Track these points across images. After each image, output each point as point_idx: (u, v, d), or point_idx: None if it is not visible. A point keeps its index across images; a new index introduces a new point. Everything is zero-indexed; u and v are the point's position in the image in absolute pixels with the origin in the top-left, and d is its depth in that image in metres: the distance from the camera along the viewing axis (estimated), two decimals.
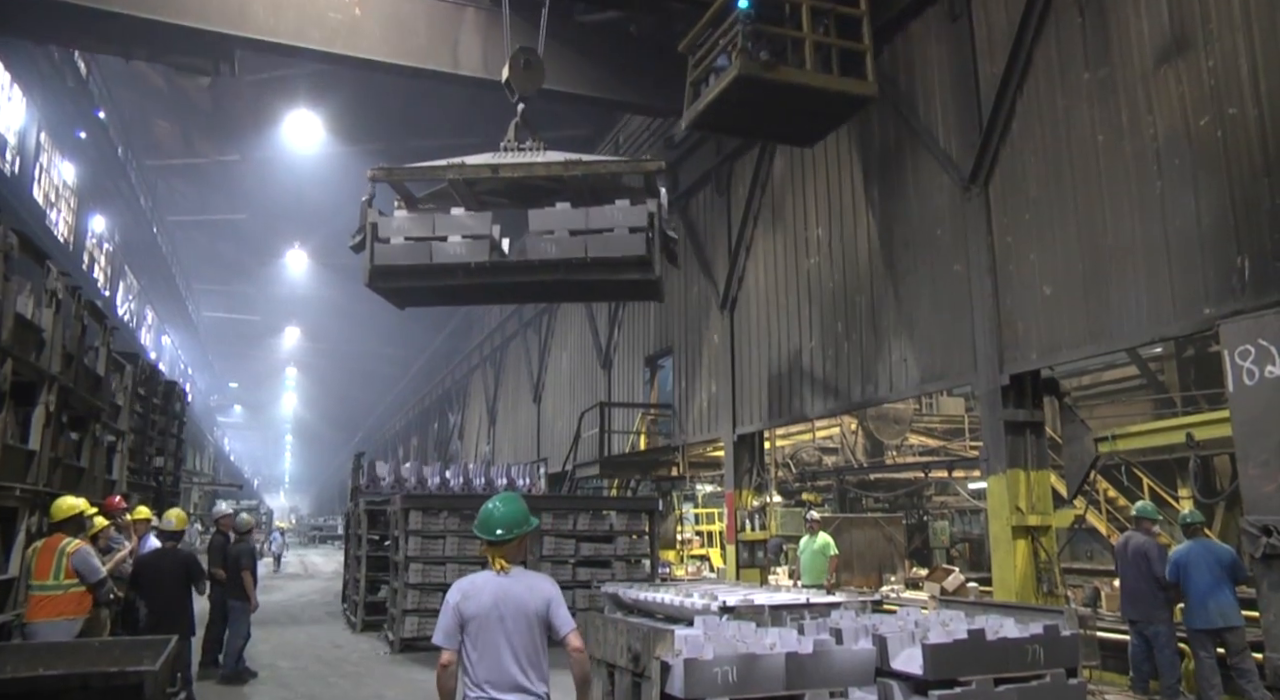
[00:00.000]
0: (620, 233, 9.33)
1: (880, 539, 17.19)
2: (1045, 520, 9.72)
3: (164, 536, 8.78)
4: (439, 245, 9.49)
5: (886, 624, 5.65)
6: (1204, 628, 7.75)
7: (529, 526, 4.13)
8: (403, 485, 16.38)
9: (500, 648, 3.85)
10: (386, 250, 9.60)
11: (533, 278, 9.78)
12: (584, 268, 9.47)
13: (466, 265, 9.52)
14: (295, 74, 23.70)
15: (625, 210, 9.41)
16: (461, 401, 41.33)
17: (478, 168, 9.68)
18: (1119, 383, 19.69)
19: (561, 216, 9.56)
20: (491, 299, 14.04)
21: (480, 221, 9.60)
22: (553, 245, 9.37)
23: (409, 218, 9.72)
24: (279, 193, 32.39)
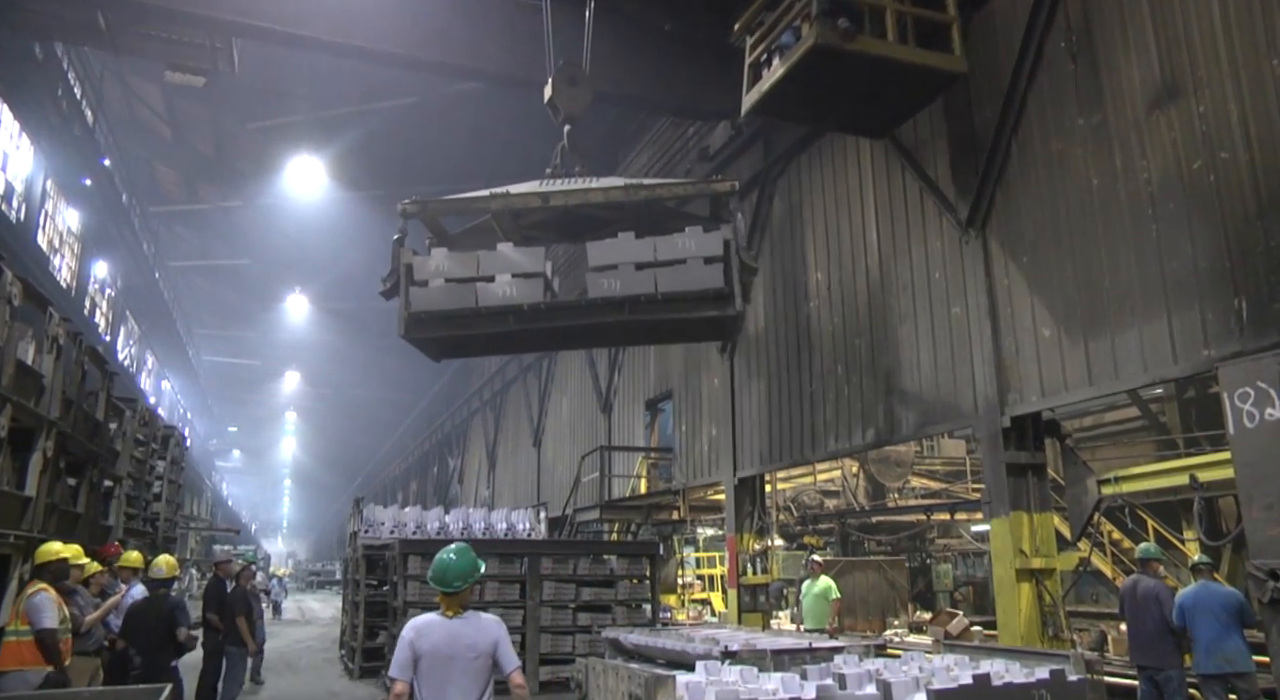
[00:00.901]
0: (694, 264, 8.15)
1: (883, 582, 17.03)
2: (1049, 563, 9.64)
3: (153, 584, 8.66)
4: (485, 287, 8.28)
5: (890, 669, 5.58)
6: (1213, 673, 7.64)
7: (478, 574, 4.65)
8: (401, 530, 16.27)
9: (447, 684, 4.37)
10: (424, 295, 8.38)
11: (593, 320, 8.52)
12: (653, 306, 8.26)
13: (518, 308, 8.26)
14: (298, 121, 24.00)
15: (698, 238, 8.22)
16: (461, 446, 41.20)
17: (525, 196, 8.49)
18: (1120, 424, 19.65)
19: (625, 248, 8.31)
20: (543, 345, 12.09)
21: (532, 258, 8.41)
22: (616, 281, 8.17)
23: (449, 257, 8.45)
24: (280, 238, 32.63)
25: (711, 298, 8.17)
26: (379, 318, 40.00)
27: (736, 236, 8.28)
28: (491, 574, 13.02)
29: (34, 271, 17.82)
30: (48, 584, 6.77)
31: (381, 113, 22.96)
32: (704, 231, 8.38)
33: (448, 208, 8.85)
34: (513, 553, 13.48)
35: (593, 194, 8.49)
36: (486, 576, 12.92)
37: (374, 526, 16.48)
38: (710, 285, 8.12)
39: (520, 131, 20.93)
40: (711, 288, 8.11)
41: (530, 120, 22.52)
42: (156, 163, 30.19)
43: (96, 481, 11.11)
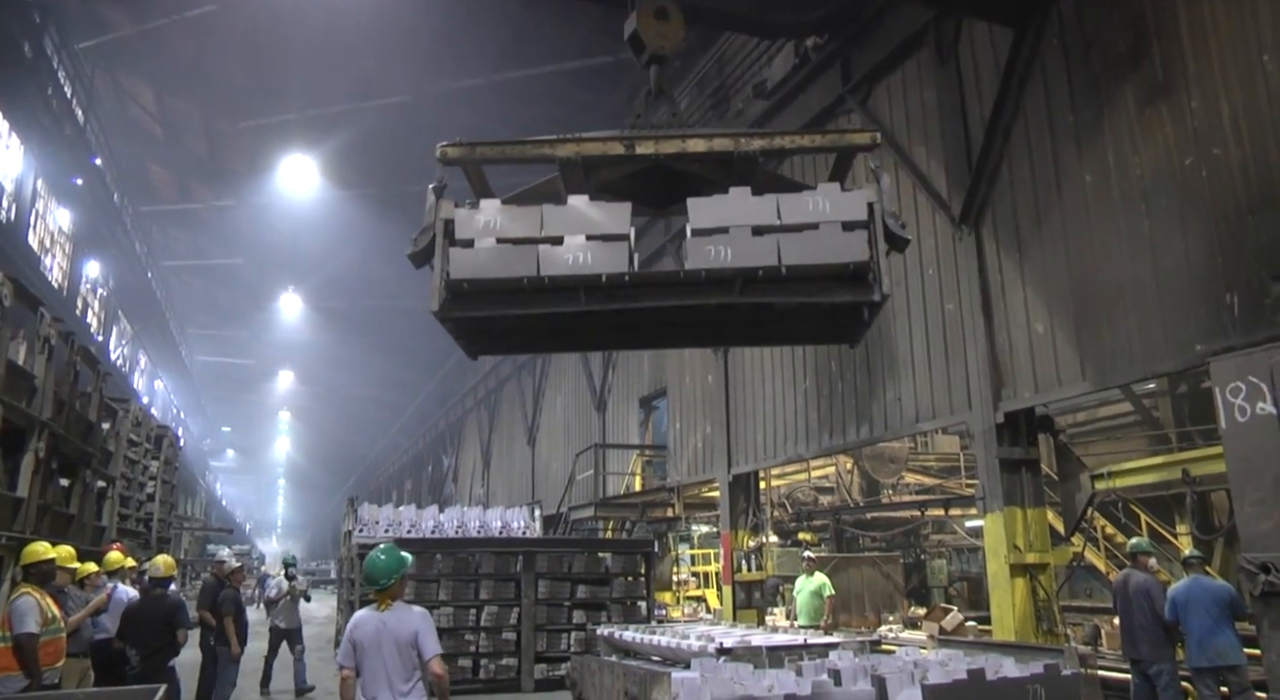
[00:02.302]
0: (829, 231, 6.24)
1: (878, 578, 17.06)
2: (1043, 558, 9.68)
3: (151, 583, 8.66)
4: (551, 251, 6.23)
5: (885, 664, 5.59)
6: (1205, 666, 7.67)
7: (405, 570, 5.14)
8: (396, 529, 16.24)
9: (379, 670, 4.89)
10: (468, 259, 6.30)
11: (690, 301, 6.41)
12: (772, 285, 6.28)
13: (594, 281, 6.19)
14: (291, 119, 23.94)
15: (834, 197, 6.39)
16: (456, 444, 41.18)
17: (605, 142, 6.68)
18: (1113, 419, 19.70)
19: (739, 207, 6.38)
20: (612, 341, 9.05)
21: (615, 215, 6.41)
22: (726, 249, 6.23)
23: (504, 210, 6.49)
24: (274, 237, 32.55)
25: (849, 277, 6.27)
26: (372, 316, 40.07)
27: (882, 199, 6.42)
28: (487, 572, 13.02)
29: (25, 271, 17.76)
30: (34, 586, 6.69)
31: (374, 111, 22.92)
32: (841, 189, 6.54)
33: (501, 153, 6.79)
34: (507, 551, 13.48)
35: (693, 142, 6.69)
36: (482, 574, 12.94)
37: (368, 525, 16.45)
38: (850, 258, 6.14)
39: (512, 129, 20.93)
40: (851, 262, 6.14)
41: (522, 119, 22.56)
42: (149, 162, 30.07)
43: (89, 482, 11.08)
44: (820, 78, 13.52)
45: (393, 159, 25.16)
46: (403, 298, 37.01)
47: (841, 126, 7.41)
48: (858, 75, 12.68)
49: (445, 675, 4.96)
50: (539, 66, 19.94)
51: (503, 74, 20.28)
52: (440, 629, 12.49)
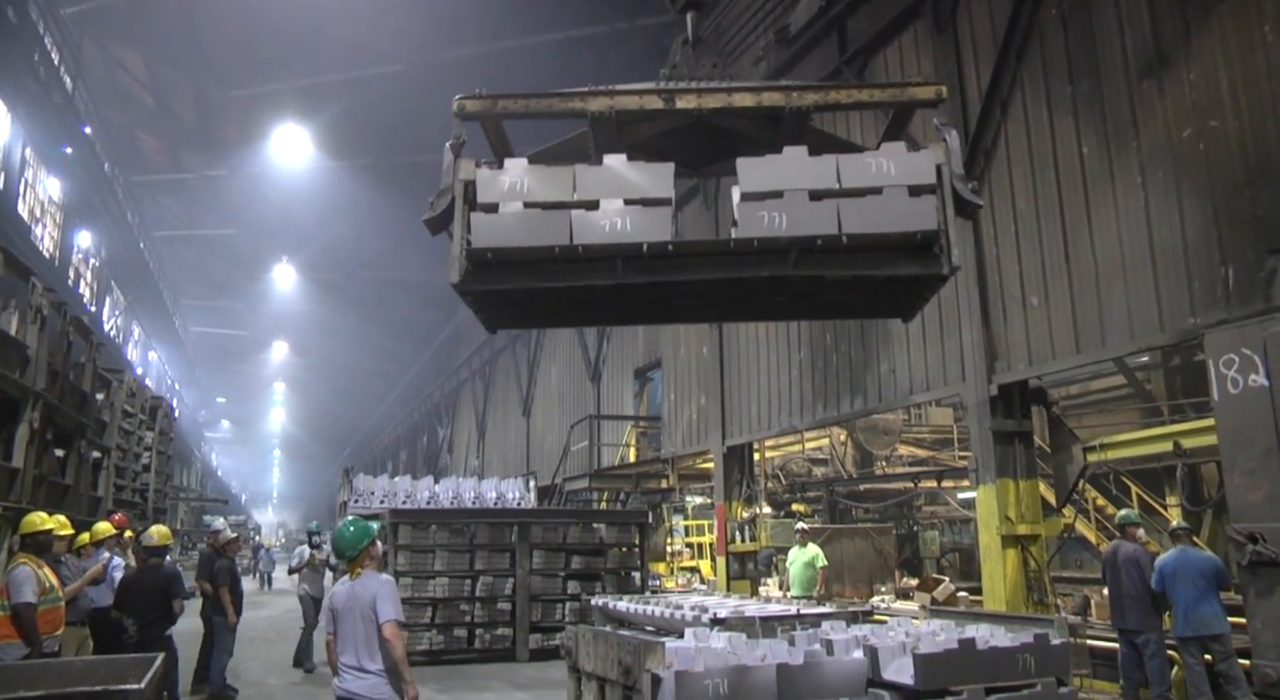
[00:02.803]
0: (894, 195, 5.61)
1: (870, 549, 17.19)
2: (1035, 529, 9.75)
3: (147, 553, 8.69)
4: (584, 217, 5.61)
5: (877, 634, 5.64)
6: (1190, 636, 7.77)
7: (365, 542, 5.33)
8: (392, 499, 16.29)
9: (348, 636, 5.15)
10: (492, 225, 5.66)
11: (739, 274, 5.78)
12: (830, 256, 5.67)
13: (634, 251, 5.59)
14: (284, 88, 23.72)
15: (898, 158, 5.74)
16: (451, 415, 41.24)
17: (642, 95, 6.01)
18: (1106, 392, 19.79)
19: (794, 168, 5.72)
20: (647, 315, 8.23)
21: (657, 177, 5.76)
22: (781, 216, 5.61)
23: (532, 171, 5.82)
24: (267, 208, 32.36)
25: (915, 248, 5.66)
26: (367, 288, 39.97)
27: (951, 160, 5.80)
28: (482, 543, 13.08)
29: (15, 241, 17.63)
30: (31, 556, 6.73)
31: (367, 81, 22.72)
32: (908, 149, 5.88)
33: (526, 107, 6.08)
34: (502, 521, 13.54)
35: (739, 97, 6.01)
36: (477, 545, 13.00)
37: (364, 496, 16.49)
38: (917, 226, 5.52)
39: None
40: (919, 231, 5.52)
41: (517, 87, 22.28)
42: (139, 131, 29.79)
43: (85, 453, 11.08)
44: (816, 49, 13.44)
45: (387, 130, 24.99)
46: (398, 269, 36.94)
47: (909, 80, 6.38)
48: (854, 47, 12.60)
49: (396, 640, 5.09)
50: (535, 35, 19.76)
51: (498, 43, 20.09)
52: (436, 599, 12.64)
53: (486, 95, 5.90)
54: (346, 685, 5.10)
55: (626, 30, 19.05)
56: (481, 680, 11.23)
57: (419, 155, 24.94)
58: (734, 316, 9.69)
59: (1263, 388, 2.09)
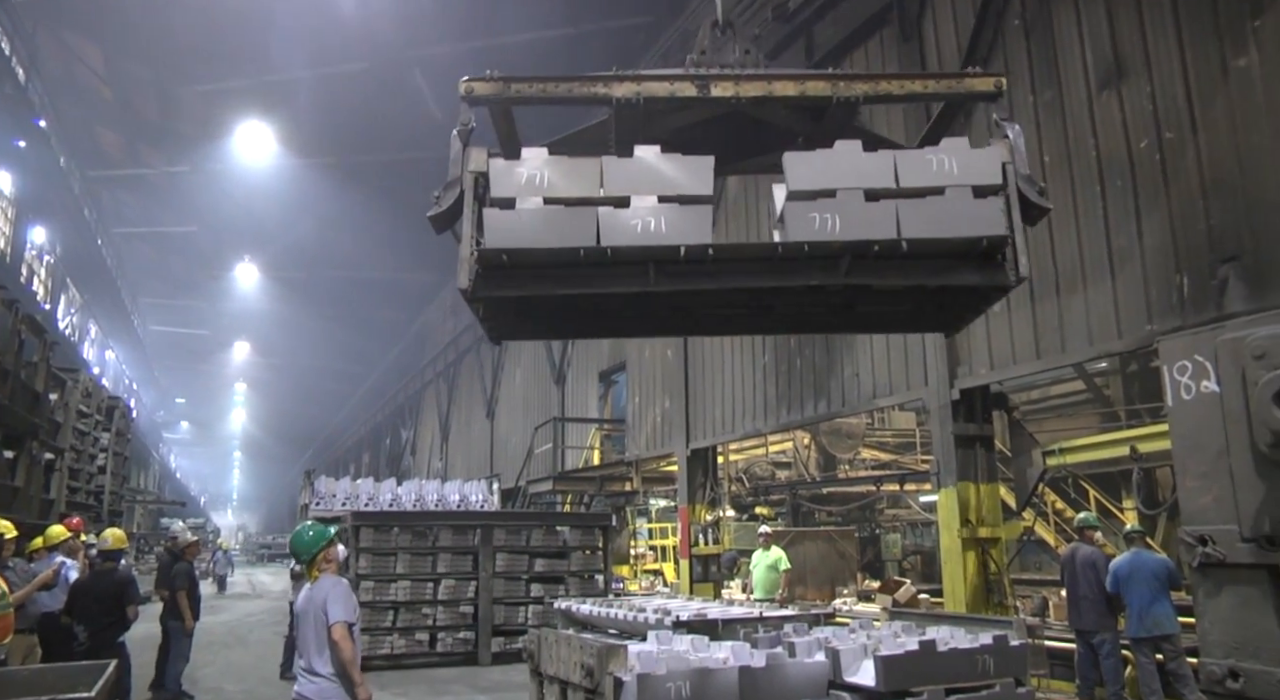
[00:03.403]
0: (956, 196, 5.09)
1: (833, 552, 17.29)
2: (995, 532, 9.86)
3: (102, 557, 8.51)
4: (614, 216, 5.03)
5: (839, 637, 5.68)
6: (1143, 636, 7.93)
7: (319, 546, 5.30)
8: (354, 502, 16.13)
9: (303, 638, 5.18)
10: (507, 223, 5.04)
11: (785, 281, 5.19)
12: (887, 263, 5.11)
13: (670, 254, 5.02)
14: (246, 84, 23.43)
15: (961, 154, 5.24)
16: (414, 417, 40.91)
17: (673, 81, 5.45)
18: (1066, 397, 20.07)
19: (847, 164, 5.20)
20: (669, 325, 7.26)
21: (695, 170, 5.19)
22: (834, 218, 5.06)
23: (553, 162, 5.23)
24: (229, 205, 31.93)
25: (979, 255, 5.13)
26: (331, 287, 39.56)
27: (1016, 158, 5.30)
28: (444, 546, 12.98)
29: None
30: None
31: (331, 78, 22.50)
32: (970, 145, 5.41)
33: (543, 92, 5.46)
34: (465, 524, 13.44)
35: (780, 85, 5.45)
36: (440, 548, 12.90)
37: (325, 499, 16.32)
38: (984, 231, 5.01)
39: None
40: (985, 237, 5.00)
41: None
42: (97, 125, 29.24)
43: (36, 454, 10.84)
44: (782, 55, 13.54)
45: (351, 128, 24.76)
46: (362, 268, 36.61)
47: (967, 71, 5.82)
48: (820, 53, 12.73)
49: (344, 642, 5.02)
50: (501, 36, 19.68)
51: (464, 43, 19.98)
52: (398, 602, 12.52)
53: (498, 77, 5.31)
54: (299, 688, 5.11)
55: (595, 32, 19.04)
56: (443, 684, 11.14)
57: (383, 154, 24.77)
58: (764, 329, 8.87)
59: (1214, 394, 2.14)
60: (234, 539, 73.41)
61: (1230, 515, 2.02)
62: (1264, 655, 1.80)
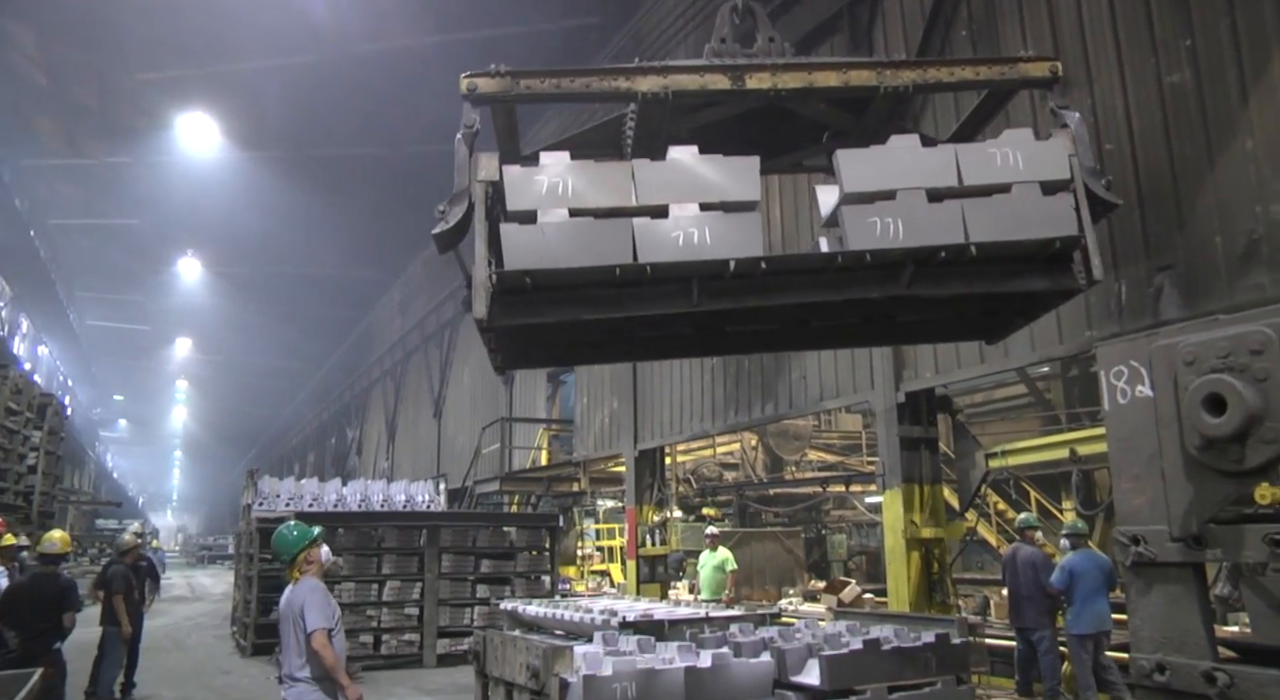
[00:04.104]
0: (1024, 194, 4.62)
1: (779, 553, 17.42)
2: (938, 533, 10.02)
3: (43, 560, 8.22)
4: (651, 227, 4.45)
5: (784, 637, 5.71)
6: (1087, 633, 8.14)
7: (299, 546, 5.26)
8: (298, 502, 15.86)
9: (286, 642, 5.12)
10: (530, 240, 4.40)
11: (843, 295, 4.72)
12: (952, 271, 4.69)
13: (718, 269, 4.49)
14: (191, 74, 22.91)
15: (1025, 145, 4.77)
16: (360, 416, 40.37)
17: (705, 73, 4.89)
18: (1009, 400, 20.48)
19: (906, 162, 4.76)
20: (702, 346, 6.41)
21: (739, 174, 4.68)
22: (896, 222, 4.54)
23: (577, 168, 4.58)
24: (172, 198, 31.14)
25: (1049, 257, 4.72)
26: (277, 283, 38.83)
27: (1079, 149, 4.84)
28: (390, 547, 12.82)
29: None
30: None
31: (279, 71, 22.08)
32: (1035, 136, 4.95)
33: (556, 88, 4.81)
34: (411, 525, 13.30)
35: (822, 75, 4.90)
36: (385, 549, 12.73)
37: (269, 499, 16.03)
38: (1056, 232, 4.57)
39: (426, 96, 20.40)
40: (1057, 238, 4.58)
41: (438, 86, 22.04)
42: (32, 113, 28.33)
43: None
44: None
45: (300, 122, 24.32)
46: (309, 265, 35.99)
47: (1019, 55, 5.26)
48: None
49: (324, 650, 4.95)
50: (453, 33, 19.49)
51: (414, 39, 19.75)
52: (342, 604, 12.28)
53: (505, 72, 4.74)
54: (282, 692, 5.09)
55: (549, 32, 18.95)
56: (388, 686, 11.00)
57: (332, 148, 24.37)
58: (799, 345, 8.27)
59: (1148, 398, 2.19)
60: (174, 540, 71.82)
61: (1162, 516, 2.08)
62: (1188, 649, 1.86)
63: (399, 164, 26.37)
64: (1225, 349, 1.85)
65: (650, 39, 16.22)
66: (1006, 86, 5.30)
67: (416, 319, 30.45)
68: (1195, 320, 2.12)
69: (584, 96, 4.92)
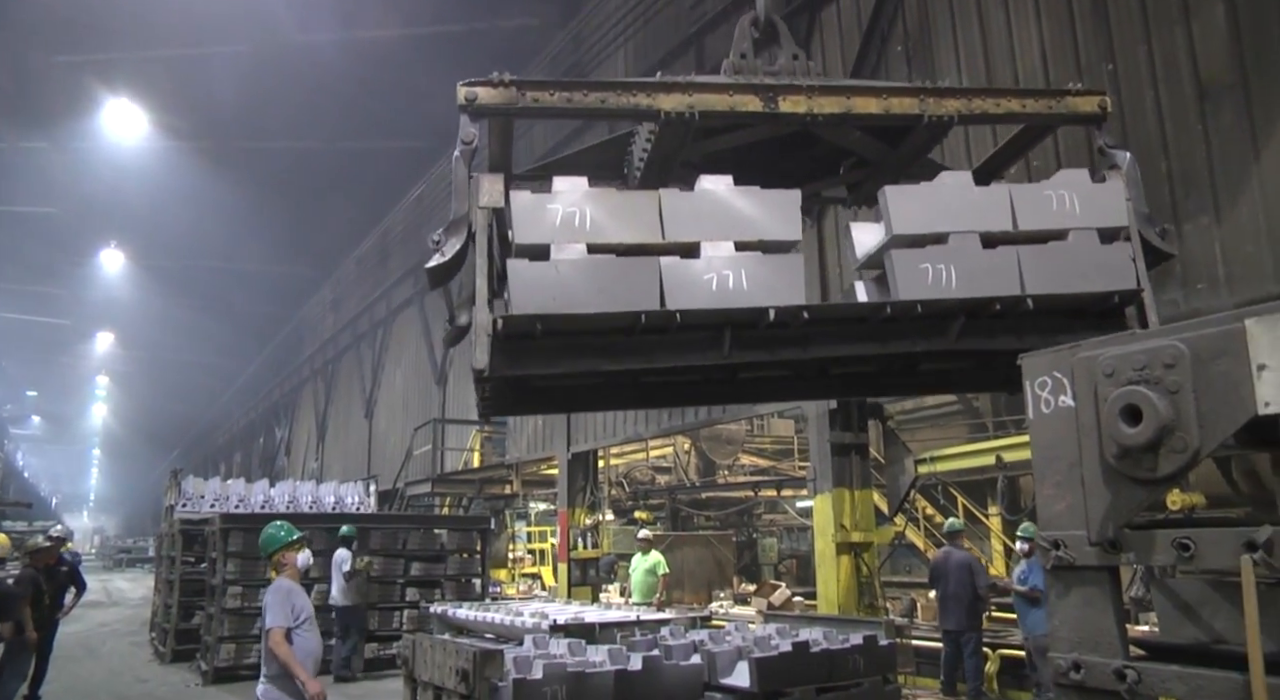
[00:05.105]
0: (1082, 240, 4.35)
1: (711, 556, 17.53)
2: (867, 537, 10.20)
3: None
4: (681, 268, 4.01)
5: (715, 639, 5.75)
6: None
7: (275, 546, 5.48)
8: (223, 503, 15.49)
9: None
10: (542, 279, 3.88)
11: (881, 349, 4.35)
12: (1001, 322, 4.33)
13: (755, 318, 4.04)
14: (115, 58, 22.20)
15: (1082, 188, 4.48)
16: (290, 416, 39.54)
17: (732, 91, 4.42)
18: (938, 408, 20.90)
19: (957, 202, 4.40)
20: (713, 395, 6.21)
21: (778, 209, 4.24)
22: (949, 270, 4.20)
23: (597, 197, 4.10)
24: (95, 187, 30.12)
25: (1104, 311, 4.42)
26: (204, 278, 37.86)
27: (1134, 192, 4.54)
28: (318, 549, 12.55)
29: None
30: None
31: (209, 59, 21.56)
32: (1092, 178, 4.64)
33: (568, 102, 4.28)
34: (339, 527, 13.05)
35: (861, 101, 4.45)
36: (314, 551, 12.46)
37: (193, 500, 15.65)
38: (1115, 285, 4.29)
39: (362, 91, 20.10)
40: (1117, 292, 4.30)
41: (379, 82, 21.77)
42: None
43: None
44: (676, 63, 13.65)
45: (231, 112, 23.78)
46: (238, 260, 35.16)
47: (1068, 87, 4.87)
48: (710, 62, 12.89)
49: (277, 647, 5.07)
50: (390, 29, 19.27)
51: (350, 32, 19.48)
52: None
53: (509, 82, 4.16)
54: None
55: (486, 30, 18.85)
56: None
57: (263, 141, 23.85)
58: (811, 394, 7.76)
59: (1070, 408, 2.27)
60: (90, 543, 69.38)
61: (1080, 521, 2.15)
62: (1102, 648, 1.94)
63: (333, 159, 25.95)
64: (1142, 362, 1.92)
65: (590, 42, 16.25)
66: (1053, 121, 4.95)
67: (348, 317, 29.94)
68: (1115, 334, 2.21)
69: (598, 113, 4.49)
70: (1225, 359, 1.84)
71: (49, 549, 10.27)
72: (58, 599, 10.22)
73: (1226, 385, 1.83)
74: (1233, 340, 1.83)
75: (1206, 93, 7.13)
